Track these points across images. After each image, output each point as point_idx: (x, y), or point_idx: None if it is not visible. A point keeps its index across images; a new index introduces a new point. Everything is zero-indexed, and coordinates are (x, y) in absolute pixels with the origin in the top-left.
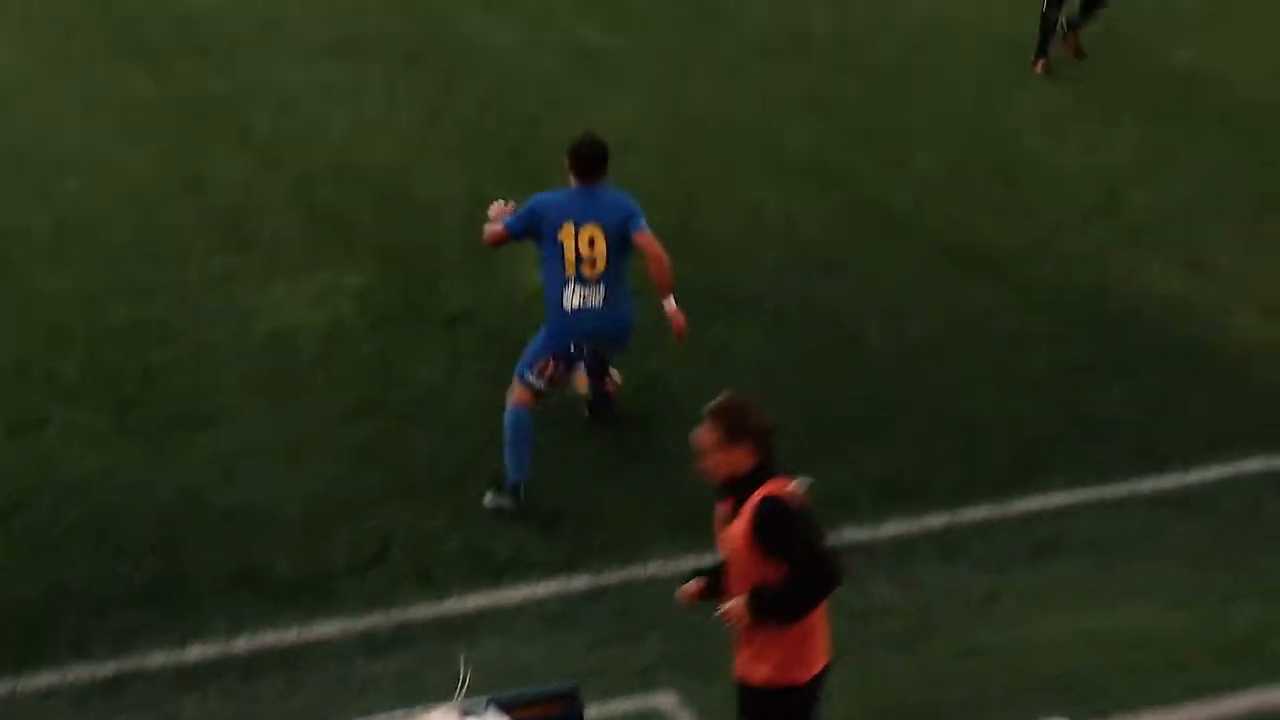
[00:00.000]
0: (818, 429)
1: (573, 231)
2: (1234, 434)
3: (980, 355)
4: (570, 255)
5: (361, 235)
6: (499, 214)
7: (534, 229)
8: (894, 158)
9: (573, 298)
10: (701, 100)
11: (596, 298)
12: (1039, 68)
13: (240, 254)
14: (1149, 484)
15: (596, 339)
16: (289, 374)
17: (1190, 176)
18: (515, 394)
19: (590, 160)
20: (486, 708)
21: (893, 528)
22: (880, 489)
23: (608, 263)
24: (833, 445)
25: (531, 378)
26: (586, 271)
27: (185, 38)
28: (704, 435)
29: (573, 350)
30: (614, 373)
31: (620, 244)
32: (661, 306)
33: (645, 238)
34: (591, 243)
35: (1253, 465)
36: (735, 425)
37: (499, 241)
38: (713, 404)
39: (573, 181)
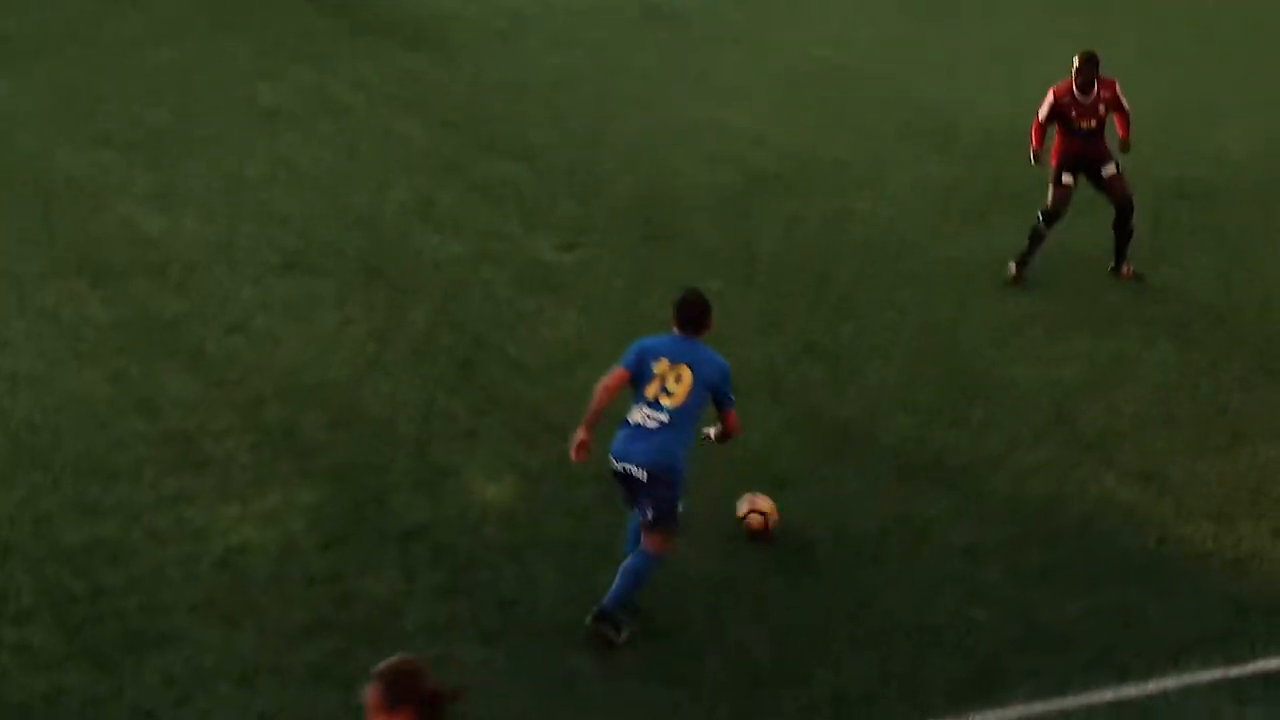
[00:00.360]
0: (771, 645)
1: (667, 365)
2: (1192, 643)
3: (934, 567)
4: (655, 384)
5: (313, 453)
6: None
7: (641, 364)
8: (846, 372)
9: (637, 414)
10: (652, 316)
11: (657, 423)
12: (1013, 276)
13: (192, 474)
14: (1109, 694)
15: (627, 461)
16: (241, 594)
17: (1141, 387)
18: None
19: (691, 312)
20: None
21: None
22: (836, 703)
23: (684, 402)
24: (787, 660)
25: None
26: (664, 400)
27: (139, 258)
28: (370, 694)
29: (613, 465)
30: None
31: (701, 395)
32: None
33: (731, 418)
34: (679, 379)
35: (1211, 674)
36: (397, 691)
37: (618, 383)
38: (382, 664)
39: (675, 331)
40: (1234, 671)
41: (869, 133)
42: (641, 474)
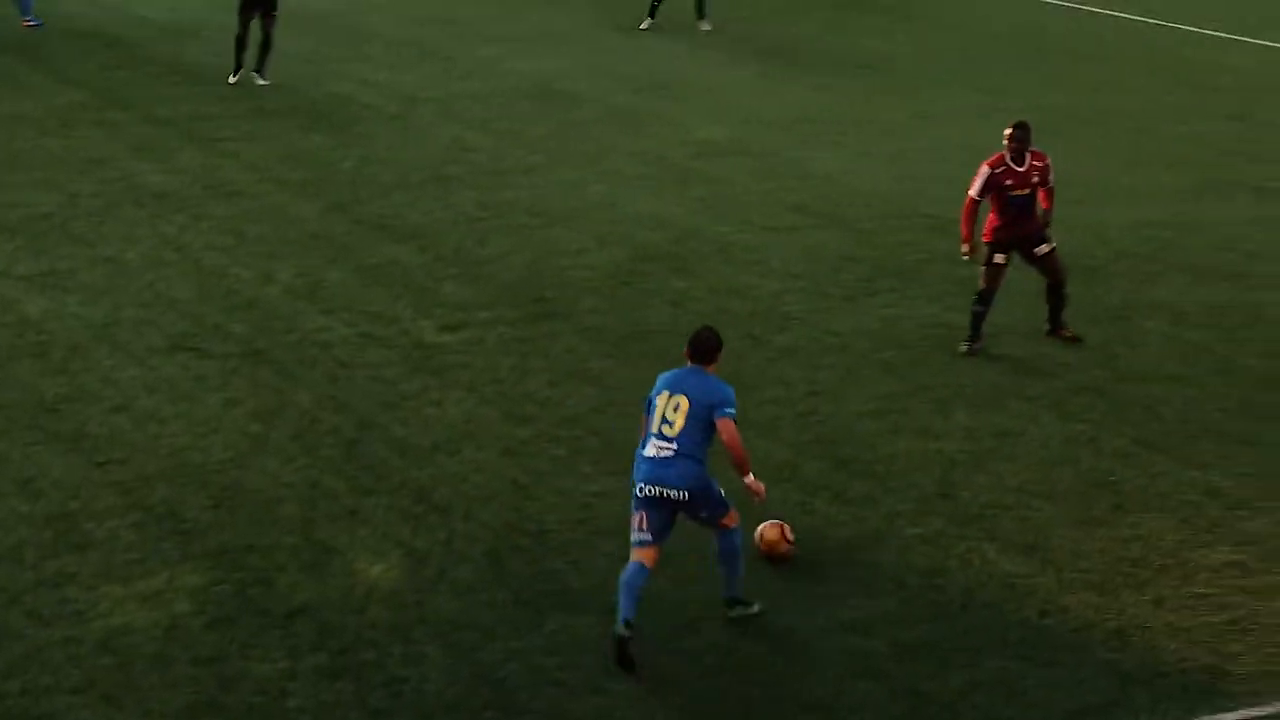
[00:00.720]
0: (660, 717)
1: (666, 396)
2: (1076, 714)
3: (820, 640)
4: (658, 415)
5: (197, 533)
6: None
7: (649, 399)
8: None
9: (649, 448)
10: (538, 394)
11: (669, 452)
12: (966, 349)
13: (74, 555)
14: None
15: (661, 485)
16: (124, 675)
17: (1023, 460)
18: (632, 553)
19: (698, 346)
20: None
21: None
22: None
23: (685, 427)
24: None
25: (634, 534)
26: (666, 430)
27: (21, 340)
28: None
29: (640, 493)
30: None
31: (701, 417)
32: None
33: (724, 424)
34: (676, 408)
35: None
36: None
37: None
38: None
39: (688, 364)
40: None
41: (757, 208)
42: (681, 494)
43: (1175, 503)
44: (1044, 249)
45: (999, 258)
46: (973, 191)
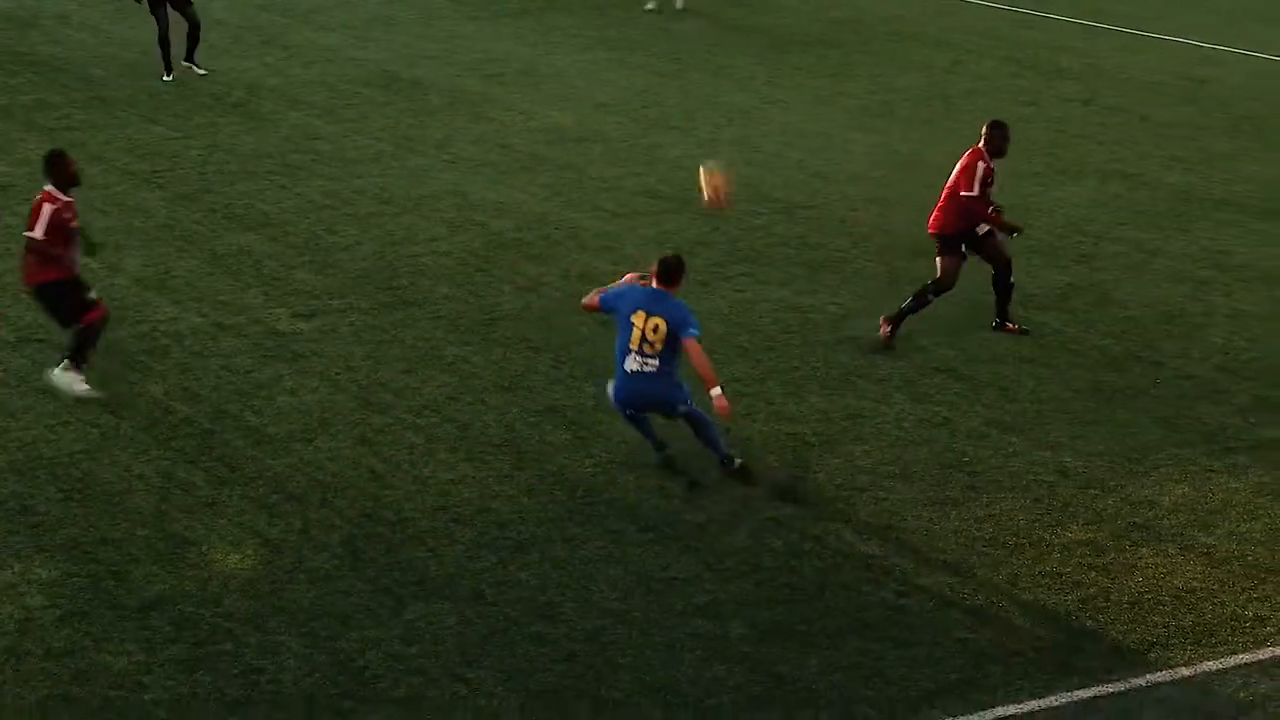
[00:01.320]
0: (518, 707)
1: (644, 316)
2: (932, 693)
3: (677, 625)
4: (637, 334)
5: (49, 527)
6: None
7: (617, 307)
8: (587, 433)
9: (633, 363)
10: (393, 382)
11: (650, 368)
12: (885, 332)
13: None
14: None
15: (643, 400)
16: None
17: (877, 442)
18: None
19: (667, 270)
20: None
21: None
22: None
23: (665, 348)
24: None
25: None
26: (647, 349)
27: None
28: None
29: (625, 414)
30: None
31: (675, 337)
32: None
33: (689, 344)
34: (655, 329)
35: None
36: None
37: (592, 309)
38: None
39: (654, 283)
40: (974, 719)
41: (607, 194)
42: (664, 407)
43: (1028, 482)
44: (984, 228)
45: (963, 248)
46: (976, 192)
